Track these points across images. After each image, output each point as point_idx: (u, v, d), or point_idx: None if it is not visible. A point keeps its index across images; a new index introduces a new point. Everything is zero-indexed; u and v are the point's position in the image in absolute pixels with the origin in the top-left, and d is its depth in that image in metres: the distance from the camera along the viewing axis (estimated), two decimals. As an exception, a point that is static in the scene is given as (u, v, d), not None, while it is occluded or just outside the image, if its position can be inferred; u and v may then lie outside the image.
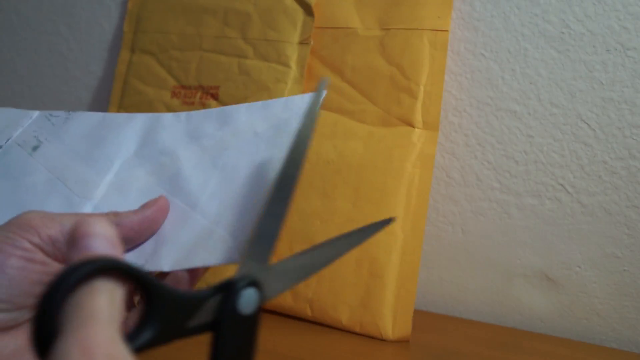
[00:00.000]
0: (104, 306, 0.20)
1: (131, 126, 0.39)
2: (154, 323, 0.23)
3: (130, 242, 0.32)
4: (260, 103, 0.35)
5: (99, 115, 0.41)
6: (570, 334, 0.52)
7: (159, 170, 0.36)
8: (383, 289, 0.48)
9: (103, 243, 0.22)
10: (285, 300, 0.50)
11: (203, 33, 0.57)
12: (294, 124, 0.34)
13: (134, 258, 0.32)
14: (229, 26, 0.56)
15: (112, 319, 0.20)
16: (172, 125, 0.38)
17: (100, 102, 0.71)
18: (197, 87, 0.56)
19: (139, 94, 0.59)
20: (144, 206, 0.33)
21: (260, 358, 0.42)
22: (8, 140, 0.40)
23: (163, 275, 0.33)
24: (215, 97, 0.55)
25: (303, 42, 0.52)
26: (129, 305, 0.32)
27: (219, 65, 0.55)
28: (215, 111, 0.37)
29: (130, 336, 0.22)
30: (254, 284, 0.26)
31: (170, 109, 0.57)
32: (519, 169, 0.53)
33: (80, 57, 0.71)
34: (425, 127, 0.50)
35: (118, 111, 0.60)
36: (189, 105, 0.56)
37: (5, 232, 0.29)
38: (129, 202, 0.35)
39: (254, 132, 0.34)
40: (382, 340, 0.47)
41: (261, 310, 0.27)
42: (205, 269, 0.33)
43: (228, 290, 0.25)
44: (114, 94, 0.61)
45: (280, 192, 0.29)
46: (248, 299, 0.26)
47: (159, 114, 0.39)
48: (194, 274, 0.33)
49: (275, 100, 0.35)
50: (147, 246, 0.32)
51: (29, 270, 0.28)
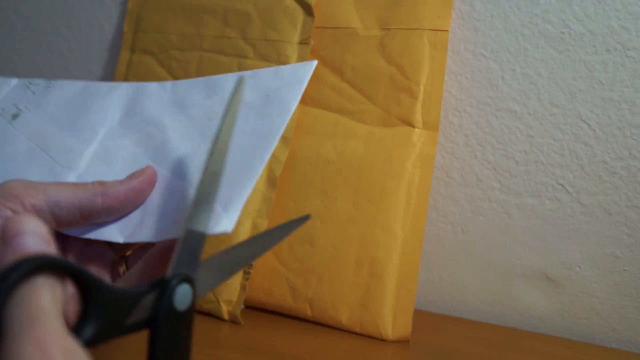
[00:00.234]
0: (48, 303, 0.19)
1: (115, 95, 0.38)
2: (95, 320, 0.22)
3: (117, 213, 0.31)
4: (248, 72, 0.35)
5: (80, 83, 0.39)
6: (570, 334, 0.52)
7: (145, 140, 0.35)
8: (383, 289, 0.48)
9: (36, 240, 0.22)
10: (285, 300, 0.50)
11: (203, 33, 0.57)
12: (285, 94, 0.33)
13: (120, 228, 0.31)
14: (229, 26, 0.56)
15: (58, 315, 0.20)
16: (158, 95, 0.37)
17: (100, 102, 0.71)
18: (197, 87, 0.56)
19: (139, 94, 0.59)
20: (131, 176, 0.32)
21: (260, 358, 0.42)
22: None
23: (150, 245, 0.32)
24: (215, 97, 0.55)
25: (303, 42, 0.52)
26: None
27: (219, 65, 0.55)
28: (202, 80, 0.36)
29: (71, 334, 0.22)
30: (187, 280, 0.26)
31: (170, 109, 0.57)
32: (519, 169, 0.53)
33: (80, 57, 0.71)
34: (425, 127, 0.50)
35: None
36: (189, 105, 0.56)
37: None
38: (115, 172, 0.34)
39: (242, 102, 0.33)
40: (382, 340, 0.47)
41: (194, 306, 0.27)
42: None
43: (163, 287, 0.25)
44: (114, 94, 0.61)
45: (209, 187, 0.29)
46: (183, 296, 0.26)
47: (143, 83, 0.38)
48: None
49: (264, 70, 0.35)
50: (134, 217, 0.32)
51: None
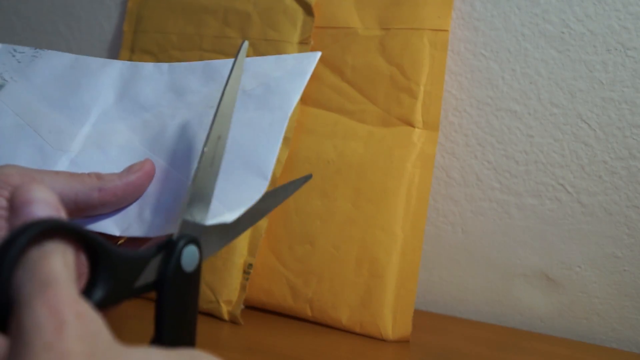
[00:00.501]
0: (60, 267, 0.19)
1: (108, 73, 0.36)
2: (104, 283, 0.22)
3: (113, 206, 0.31)
4: (249, 59, 0.33)
5: (70, 56, 0.38)
6: (570, 334, 0.52)
7: (142, 127, 0.34)
8: (383, 289, 0.48)
9: (45, 208, 0.22)
10: (285, 300, 0.50)
11: (203, 33, 0.57)
12: (286, 85, 0.32)
13: (116, 221, 0.31)
14: (229, 26, 0.56)
15: (70, 279, 0.19)
16: (154, 77, 0.35)
17: (101, 102, 0.71)
18: (197, 87, 0.56)
19: (139, 93, 0.59)
20: (129, 170, 0.31)
21: (260, 358, 0.42)
22: None
23: (142, 239, 0.32)
24: (215, 97, 0.55)
25: (303, 42, 0.52)
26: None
27: (219, 65, 0.55)
28: (199, 65, 0.35)
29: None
30: (194, 241, 0.26)
31: (170, 108, 0.57)
32: (519, 169, 0.53)
33: (80, 57, 0.71)
34: (425, 127, 0.50)
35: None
36: (189, 105, 0.56)
37: None
38: (110, 159, 0.33)
39: (241, 90, 0.32)
40: (382, 340, 0.47)
41: (201, 268, 0.27)
42: None
43: (171, 248, 0.26)
44: (114, 94, 0.61)
45: (214, 152, 0.29)
46: (190, 257, 0.26)
47: (138, 63, 0.37)
48: None
49: (265, 57, 0.33)
50: (131, 209, 0.31)
51: (6, 229, 0.27)
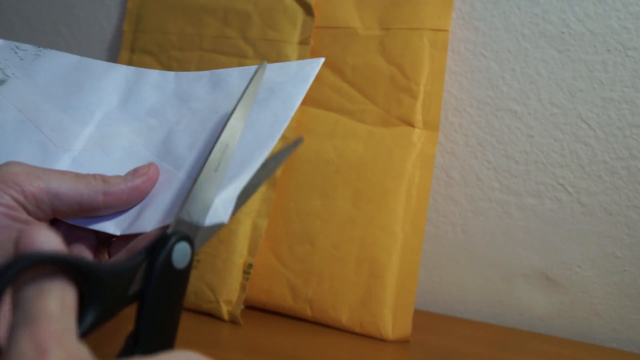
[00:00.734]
0: (53, 304, 0.19)
1: (112, 77, 0.37)
2: (95, 306, 0.22)
3: (116, 209, 0.31)
4: (253, 67, 0.34)
5: (74, 57, 0.38)
6: (570, 334, 0.52)
7: (147, 131, 0.34)
8: (383, 289, 0.48)
9: (49, 243, 0.21)
10: (285, 300, 0.50)
11: (203, 33, 0.57)
12: (290, 89, 0.33)
13: (117, 221, 0.31)
14: (229, 26, 0.56)
15: (64, 314, 0.20)
16: (159, 84, 0.36)
17: (100, 102, 0.70)
18: (197, 87, 0.56)
19: (139, 93, 0.59)
20: (135, 174, 0.31)
21: (260, 358, 0.42)
22: None
23: (128, 240, 0.32)
24: (215, 97, 0.55)
25: (303, 42, 0.52)
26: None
27: (219, 65, 0.55)
28: (206, 74, 0.35)
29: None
30: (187, 239, 0.26)
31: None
32: (519, 169, 0.53)
33: (80, 57, 0.71)
34: (425, 127, 0.50)
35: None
36: (189, 105, 0.56)
37: None
38: (112, 161, 0.33)
39: (260, 88, 0.33)
40: (382, 340, 0.47)
41: (191, 266, 0.27)
42: None
43: (163, 242, 0.25)
44: (114, 94, 0.61)
45: (220, 156, 0.29)
46: (181, 253, 0.26)
47: (144, 69, 0.37)
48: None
49: (270, 64, 0.34)
50: (132, 210, 0.31)
51: (13, 229, 0.27)
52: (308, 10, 0.52)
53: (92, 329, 0.22)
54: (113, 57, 0.69)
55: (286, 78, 0.33)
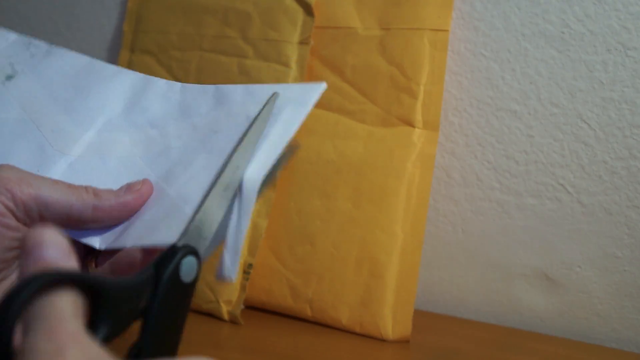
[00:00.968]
0: (66, 306, 0.19)
1: (120, 82, 0.36)
2: (106, 321, 0.22)
3: (104, 224, 0.30)
4: (257, 86, 0.34)
5: (84, 58, 0.38)
6: (570, 334, 0.52)
7: (146, 142, 0.34)
8: (383, 289, 0.48)
9: (56, 251, 0.22)
10: (285, 300, 0.50)
11: (203, 33, 0.57)
12: (288, 114, 0.32)
13: (102, 235, 0.30)
14: (229, 26, 0.56)
15: (77, 316, 0.20)
16: (165, 95, 0.36)
17: (101, 102, 0.70)
18: (197, 87, 0.56)
19: (139, 93, 0.59)
20: (127, 190, 0.31)
21: (260, 358, 0.42)
22: None
23: (115, 252, 0.31)
24: (215, 97, 0.55)
25: (303, 42, 0.52)
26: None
27: (219, 65, 0.55)
28: (211, 88, 0.35)
29: None
30: (194, 253, 0.26)
31: (170, 108, 0.57)
32: (519, 169, 0.53)
33: (80, 57, 0.71)
34: (425, 127, 0.50)
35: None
36: (189, 105, 0.56)
37: None
38: (108, 170, 0.33)
39: (246, 116, 0.33)
40: (382, 340, 0.47)
41: (197, 281, 0.27)
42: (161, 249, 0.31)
43: (171, 255, 0.25)
44: (114, 94, 0.61)
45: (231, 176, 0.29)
46: (188, 267, 0.26)
47: (152, 77, 0.37)
48: (149, 252, 0.31)
49: (273, 86, 0.34)
50: (120, 225, 0.31)
51: (2, 235, 0.27)
52: (308, 10, 0.53)
53: (106, 342, 0.22)
54: (113, 57, 0.69)
55: (285, 101, 0.33)
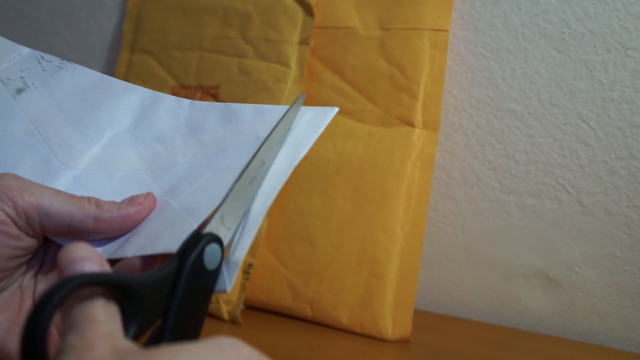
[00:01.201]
0: (98, 312, 0.21)
1: (129, 98, 0.37)
2: (136, 317, 0.23)
3: (105, 235, 0.30)
4: (268, 107, 0.34)
5: (95, 74, 0.38)
6: (570, 334, 0.52)
7: (152, 157, 0.34)
8: (383, 289, 0.48)
9: (90, 265, 0.23)
10: (285, 300, 0.50)
11: (203, 33, 0.57)
12: (298, 137, 0.33)
13: (104, 246, 0.31)
14: (229, 26, 0.56)
15: (109, 320, 0.21)
16: (173, 111, 0.36)
17: (101, 102, 0.70)
18: (197, 87, 0.56)
19: (139, 93, 0.59)
20: (129, 202, 0.31)
21: (260, 358, 0.42)
22: None
23: (116, 261, 0.31)
24: (215, 97, 0.55)
25: (303, 42, 0.52)
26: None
27: (219, 65, 0.55)
28: (220, 106, 0.35)
29: None
30: (218, 241, 0.27)
31: (170, 108, 0.57)
32: (519, 169, 0.53)
33: (80, 57, 0.71)
34: (425, 127, 0.50)
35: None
36: (189, 105, 0.56)
37: None
38: (112, 184, 0.33)
39: (255, 136, 0.33)
40: (382, 340, 0.47)
41: (220, 269, 0.27)
42: (162, 258, 0.31)
43: (195, 242, 0.26)
44: (114, 94, 0.61)
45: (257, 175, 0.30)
46: (212, 254, 0.27)
47: (161, 94, 0.37)
48: (148, 261, 0.31)
49: (283, 107, 0.34)
50: (122, 237, 0.31)
51: (4, 244, 0.27)
52: (308, 10, 0.53)
53: (137, 339, 0.23)
54: (113, 57, 0.69)
55: (297, 123, 0.33)
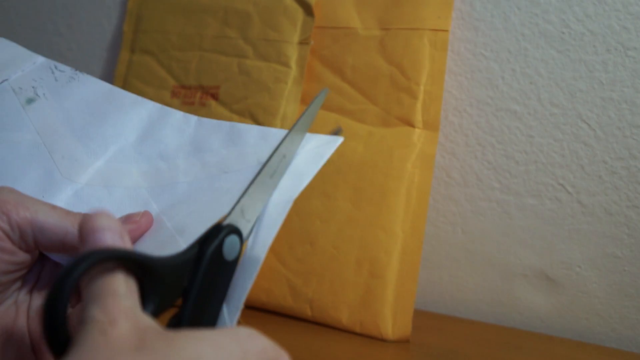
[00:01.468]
0: (119, 285, 0.21)
1: (137, 112, 0.37)
2: (154, 297, 0.24)
3: None
4: (273, 130, 0.34)
5: (106, 86, 0.38)
6: (570, 334, 0.52)
7: (154, 174, 0.34)
8: (383, 289, 0.48)
9: (111, 235, 0.24)
10: (285, 300, 0.50)
11: (203, 33, 0.57)
12: (301, 167, 0.32)
13: None
14: (229, 26, 0.56)
15: (130, 293, 0.22)
16: (180, 127, 0.36)
17: (101, 102, 0.70)
18: (197, 87, 0.56)
19: (139, 93, 0.59)
20: (125, 220, 0.31)
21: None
22: (4, 81, 0.37)
23: None
24: (215, 97, 0.55)
25: (303, 42, 0.52)
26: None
27: (219, 65, 0.55)
28: (226, 125, 0.35)
29: None
30: (237, 233, 0.27)
31: (170, 109, 0.57)
32: (519, 169, 0.53)
33: (80, 57, 0.71)
34: (425, 127, 0.50)
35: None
36: (189, 105, 0.56)
37: None
38: (112, 199, 0.33)
39: (257, 160, 0.33)
40: (382, 340, 0.47)
41: (238, 260, 0.27)
42: None
43: (214, 232, 0.26)
44: (114, 94, 0.61)
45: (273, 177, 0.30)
46: (231, 246, 0.27)
47: (169, 109, 0.37)
48: None
49: (282, 131, 0.34)
50: None
51: None
52: (308, 10, 0.53)
53: (153, 317, 0.24)
54: (113, 57, 0.69)
55: (301, 151, 0.33)
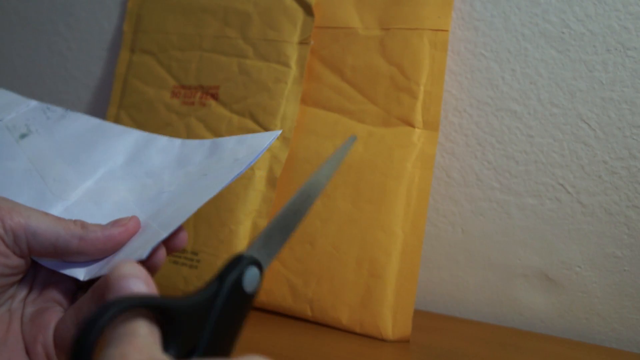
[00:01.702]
0: (142, 326, 0.21)
1: (125, 139, 0.39)
2: (176, 340, 0.23)
3: (89, 256, 0.31)
4: (249, 135, 0.36)
5: (95, 121, 0.41)
6: (570, 334, 0.52)
7: (140, 189, 0.36)
8: (383, 289, 0.48)
9: (137, 282, 0.24)
10: (285, 300, 0.50)
11: (203, 33, 0.57)
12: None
13: (86, 267, 0.31)
14: (229, 26, 0.56)
15: (150, 335, 0.21)
16: (165, 149, 0.38)
17: (100, 102, 0.71)
18: (197, 87, 0.56)
19: (139, 93, 0.59)
20: (113, 224, 0.31)
21: (260, 358, 0.42)
22: None
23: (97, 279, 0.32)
24: (215, 97, 0.55)
25: (303, 42, 0.52)
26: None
27: (219, 65, 0.55)
28: (208, 142, 0.38)
29: None
30: (258, 265, 0.27)
31: (170, 108, 0.57)
32: (519, 169, 0.53)
33: (80, 57, 0.71)
34: (425, 127, 0.50)
35: (118, 111, 0.60)
36: (189, 105, 0.56)
37: None
38: (101, 214, 0.35)
39: (234, 159, 0.35)
40: (382, 340, 0.47)
41: (257, 293, 0.27)
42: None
43: (235, 262, 0.26)
44: (114, 94, 0.61)
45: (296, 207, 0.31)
46: (251, 277, 0.27)
47: (155, 135, 0.39)
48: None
49: (265, 134, 0.36)
50: (105, 259, 0.32)
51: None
52: (308, 10, 0.53)
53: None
54: (113, 57, 0.69)
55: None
